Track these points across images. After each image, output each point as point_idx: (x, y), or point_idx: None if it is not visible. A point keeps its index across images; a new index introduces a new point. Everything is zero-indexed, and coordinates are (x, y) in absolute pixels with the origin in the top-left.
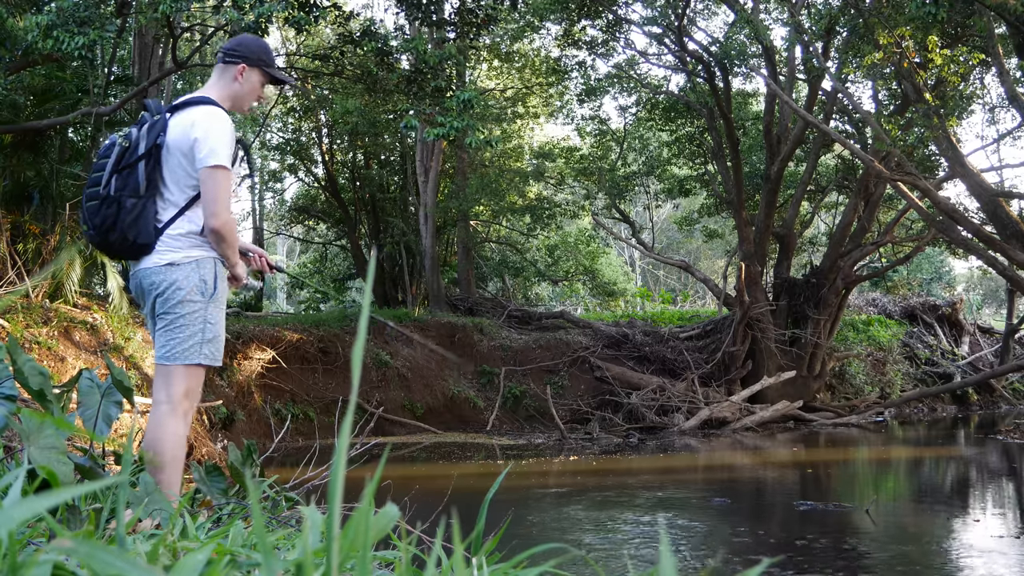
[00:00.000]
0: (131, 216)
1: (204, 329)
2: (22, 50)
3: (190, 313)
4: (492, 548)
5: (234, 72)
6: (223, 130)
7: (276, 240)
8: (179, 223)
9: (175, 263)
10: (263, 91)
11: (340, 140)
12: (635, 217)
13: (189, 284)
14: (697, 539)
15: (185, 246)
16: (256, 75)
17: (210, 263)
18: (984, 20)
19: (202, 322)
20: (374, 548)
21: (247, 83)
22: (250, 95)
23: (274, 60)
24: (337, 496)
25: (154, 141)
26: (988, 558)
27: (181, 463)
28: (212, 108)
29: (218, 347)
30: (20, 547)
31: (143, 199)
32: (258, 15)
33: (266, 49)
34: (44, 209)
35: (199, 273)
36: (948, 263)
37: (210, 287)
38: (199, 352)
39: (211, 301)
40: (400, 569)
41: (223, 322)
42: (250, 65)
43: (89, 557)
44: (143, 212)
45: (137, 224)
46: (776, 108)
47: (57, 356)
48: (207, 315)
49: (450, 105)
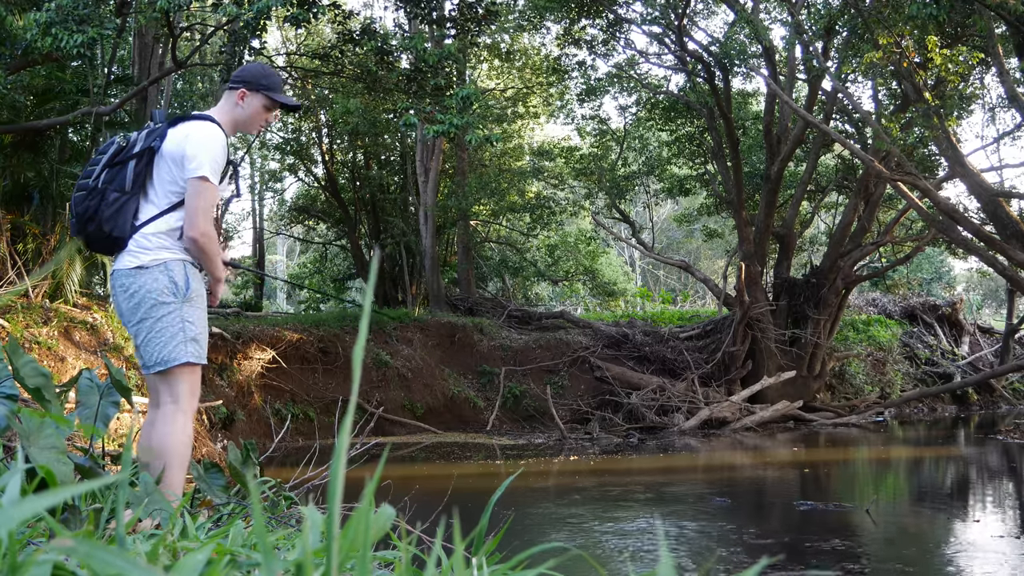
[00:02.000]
0: (111, 209)
1: (184, 328)
2: (22, 49)
3: (167, 315)
4: (492, 548)
5: (235, 97)
6: (215, 147)
7: (276, 240)
8: (155, 224)
9: (144, 267)
10: (269, 115)
11: (340, 140)
12: (635, 217)
13: (159, 286)
14: (697, 539)
15: (155, 247)
16: (258, 100)
17: (179, 265)
18: (984, 20)
19: (180, 322)
20: (374, 548)
21: (248, 107)
22: (253, 119)
23: (279, 86)
24: (337, 496)
25: (149, 144)
26: (988, 558)
27: (186, 463)
28: (209, 124)
29: (202, 346)
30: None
31: (127, 195)
32: (256, 11)
33: (268, 75)
34: (44, 209)
35: (168, 274)
36: (948, 263)
37: (181, 288)
38: (185, 351)
39: (185, 301)
40: (400, 569)
41: (203, 320)
42: (250, 90)
43: (89, 557)
44: (123, 207)
45: (115, 218)
46: (776, 108)
47: (57, 356)
48: (184, 314)
49: (449, 103)
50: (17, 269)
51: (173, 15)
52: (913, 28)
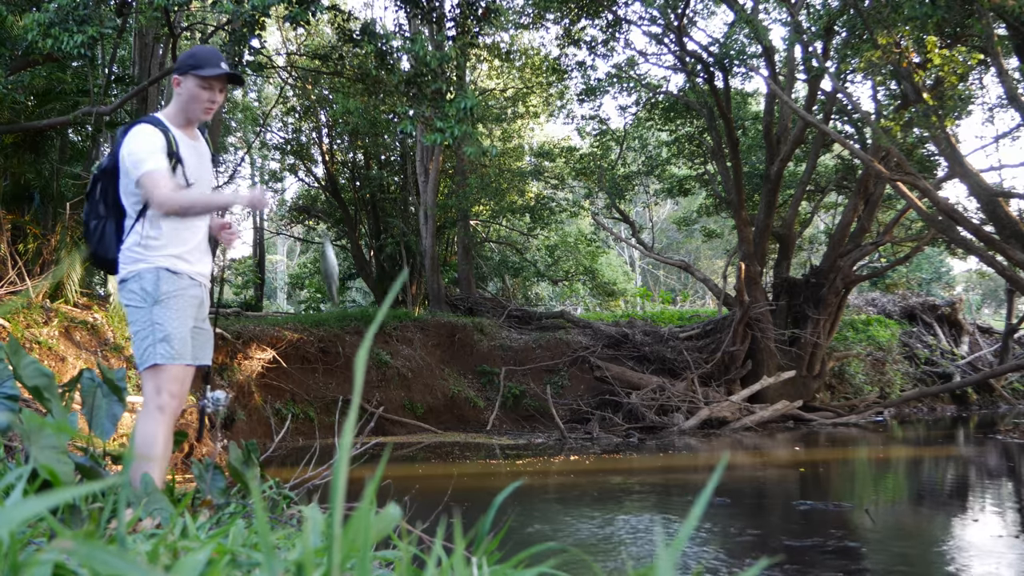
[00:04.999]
0: (95, 236)
1: (153, 331)
2: (22, 50)
3: (139, 320)
4: (492, 548)
5: (172, 83)
6: (141, 141)
7: (276, 240)
8: (130, 237)
9: (124, 280)
10: (209, 93)
11: (340, 140)
12: (635, 217)
13: (132, 296)
14: (696, 539)
15: (129, 260)
16: (190, 81)
17: (151, 272)
18: (983, 21)
19: (150, 324)
20: (374, 548)
21: (185, 92)
22: (193, 102)
23: (208, 62)
24: (340, 495)
25: (106, 164)
26: (988, 558)
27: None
28: (134, 127)
29: (174, 345)
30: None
31: (103, 219)
32: (254, 7)
33: (194, 54)
34: (44, 209)
35: (139, 283)
36: (947, 263)
37: (151, 293)
38: (154, 352)
39: (156, 304)
40: (400, 569)
41: (179, 320)
42: (181, 74)
43: (89, 557)
44: (104, 231)
45: (103, 242)
46: (776, 108)
47: (58, 356)
48: (153, 317)
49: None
50: (18, 269)
51: (173, 14)
52: (912, 28)
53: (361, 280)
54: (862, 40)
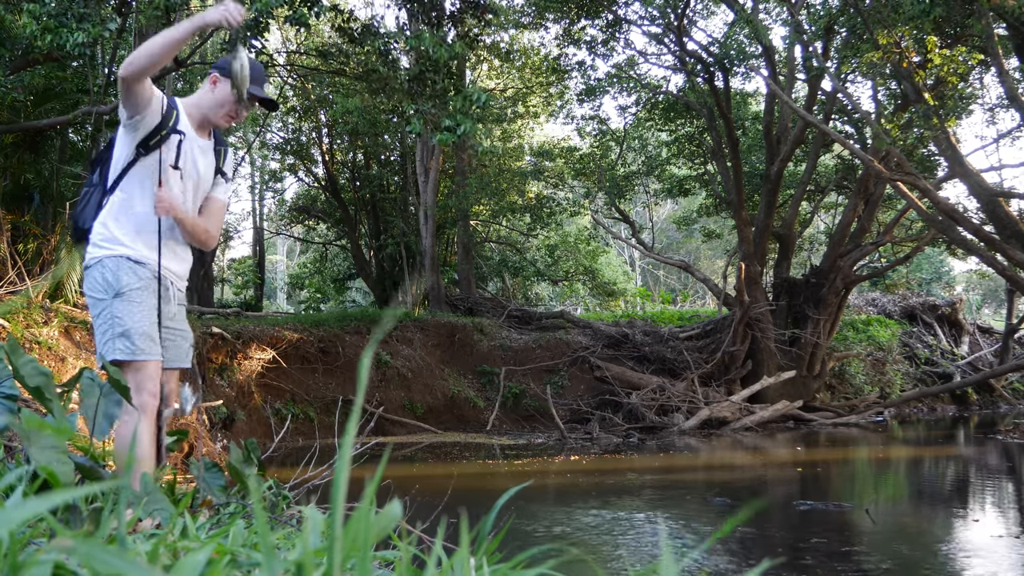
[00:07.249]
0: (82, 202)
1: (112, 325)
2: (22, 49)
3: (100, 312)
4: (493, 548)
5: (209, 81)
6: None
7: (276, 240)
8: (100, 215)
9: (88, 266)
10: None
11: (340, 140)
12: (635, 217)
13: (94, 285)
14: (697, 539)
15: (94, 242)
16: (228, 87)
17: (112, 261)
18: (983, 21)
19: (109, 318)
20: (374, 548)
21: (219, 94)
22: (218, 105)
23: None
24: (341, 495)
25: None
26: (988, 558)
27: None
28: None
29: (135, 341)
30: (21, 547)
31: (94, 188)
32: (257, 10)
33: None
34: (44, 209)
35: (101, 272)
36: (948, 263)
37: (112, 284)
38: (113, 348)
39: (116, 297)
40: (400, 569)
41: (141, 315)
42: (223, 75)
43: (89, 557)
44: (89, 200)
45: (84, 211)
46: (776, 108)
47: (57, 356)
48: (113, 310)
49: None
50: (17, 269)
51: (174, 14)
52: (912, 28)
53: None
54: (862, 40)
